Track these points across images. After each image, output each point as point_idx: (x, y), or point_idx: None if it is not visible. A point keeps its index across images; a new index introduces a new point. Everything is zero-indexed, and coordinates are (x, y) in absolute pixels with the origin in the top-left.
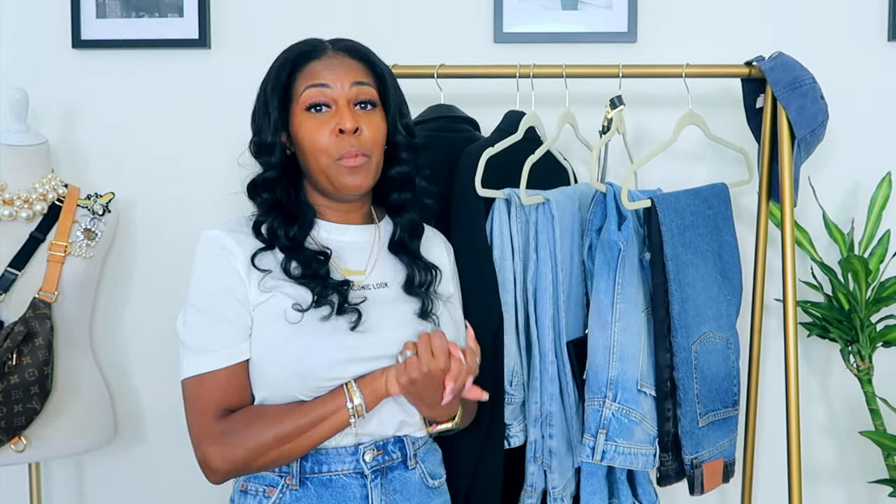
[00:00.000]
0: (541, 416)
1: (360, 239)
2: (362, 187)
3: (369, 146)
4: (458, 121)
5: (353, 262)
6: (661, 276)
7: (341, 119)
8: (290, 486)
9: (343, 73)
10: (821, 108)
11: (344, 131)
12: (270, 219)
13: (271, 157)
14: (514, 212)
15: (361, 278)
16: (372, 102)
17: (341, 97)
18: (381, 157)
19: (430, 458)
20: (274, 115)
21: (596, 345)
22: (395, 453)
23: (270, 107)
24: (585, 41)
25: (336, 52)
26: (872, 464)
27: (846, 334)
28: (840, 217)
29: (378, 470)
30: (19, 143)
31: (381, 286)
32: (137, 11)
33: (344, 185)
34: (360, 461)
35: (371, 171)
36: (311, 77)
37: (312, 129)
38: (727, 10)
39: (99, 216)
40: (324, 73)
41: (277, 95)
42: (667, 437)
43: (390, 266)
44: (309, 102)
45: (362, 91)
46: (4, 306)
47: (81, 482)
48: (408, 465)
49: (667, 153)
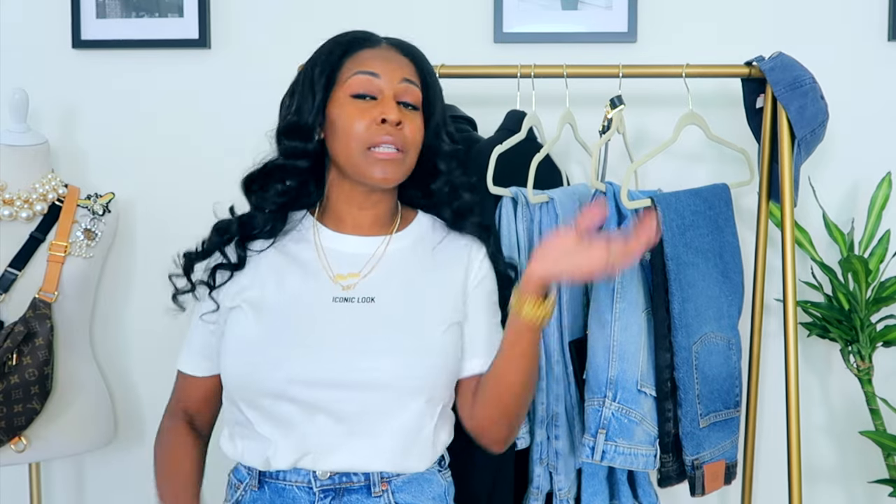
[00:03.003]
0: (546, 417)
1: (361, 251)
2: (389, 181)
3: (409, 143)
4: (457, 120)
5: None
6: (662, 275)
7: (385, 109)
8: (250, 486)
9: (394, 66)
10: (821, 108)
11: (387, 121)
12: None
13: (307, 144)
14: (520, 210)
15: (354, 281)
16: (415, 105)
17: (388, 89)
18: (414, 158)
19: (413, 489)
20: (319, 96)
21: (596, 344)
22: (357, 477)
23: (317, 87)
24: (585, 41)
25: (389, 46)
26: (872, 464)
27: (846, 334)
28: (840, 217)
29: (331, 489)
30: (19, 143)
31: (367, 301)
32: (137, 11)
33: (371, 176)
34: (310, 476)
35: (402, 168)
36: (362, 64)
37: (353, 114)
38: (727, 11)
39: (99, 216)
40: (375, 62)
41: (325, 76)
42: (667, 437)
43: (388, 278)
44: (356, 89)
45: (409, 90)
46: (4, 306)
47: (81, 482)
48: (371, 492)
49: (667, 153)
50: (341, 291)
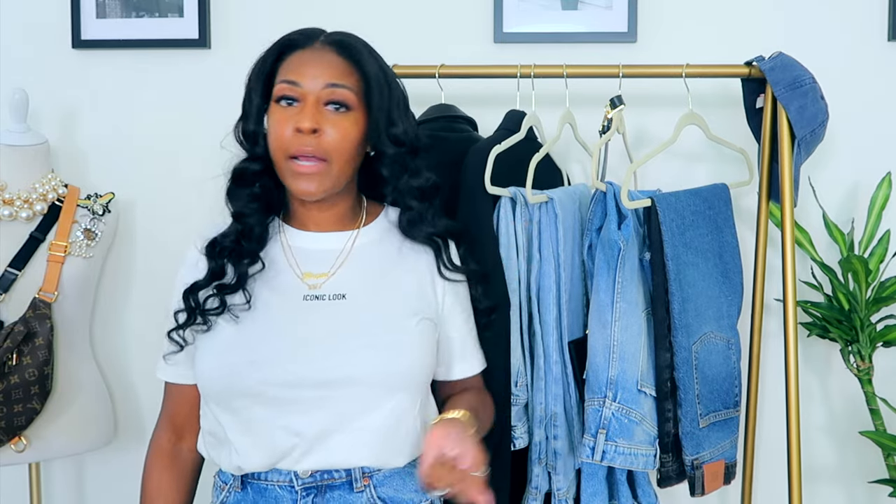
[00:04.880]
0: (545, 417)
1: (327, 247)
2: (314, 194)
3: (329, 151)
4: (457, 120)
5: (317, 266)
6: (662, 275)
7: (302, 117)
8: (234, 487)
9: (320, 70)
10: (821, 108)
11: (302, 130)
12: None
13: (255, 147)
14: (518, 210)
15: (322, 280)
16: (346, 105)
17: (311, 95)
18: (346, 164)
19: (395, 482)
20: (256, 102)
21: (596, 344)
22: (339, 473)
23: (254, 93)
24: (585, 41)
25: (324, 46)
26: (872, 464)
27: (846, 334)
28: (840, 217)
29: (313, 487)
30: (19, 143)
31: (338, 298)
32: (137, 11)
33: (295, 189)
34: (293, 474)
35: (328, 179)
36: (287, 71)
37: (276, 122)
38: (727, 10)
39: (99, 216)
40: (300, 68)
41: (261, 81)
42: (667, 437)
43: (357, 274)
44: (279, 95)
45: (335, 93)
46: (4, 306)
47: (81, 482)
48: (353, 487)
49: (667, 153)
50: (310, 290)
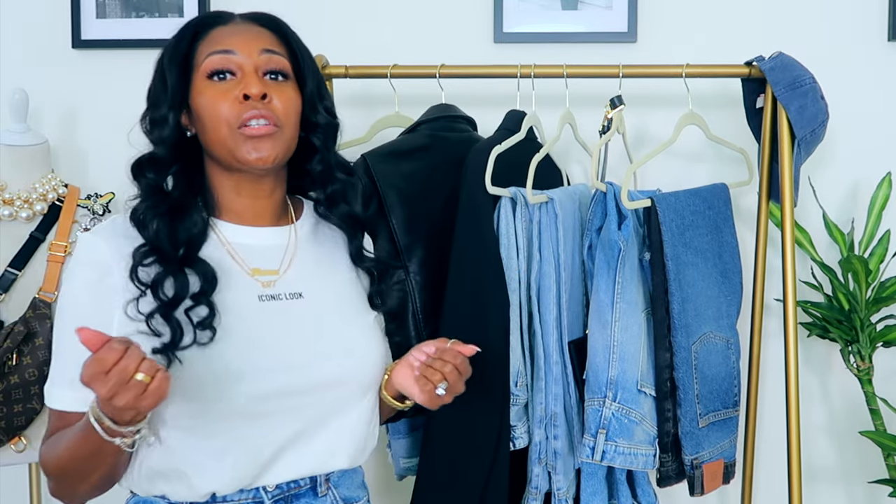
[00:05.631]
0: (545, 417)
1: (271, 243)
2: (268, 160)
3: (281, 116)
4: (457, 120)
5: (265, 262)
6: (661, 275)
7: (247, 84)
8: None
9: (251, 39)
10: (821, 108)
11: (249, 97)
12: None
13: (163, 132)
14: (518, 211)
15: (274, 278)
16: (283, 73)
17: (248, 64)
18: (294, 133)
19: (346, 481)
20: (171, 84)
21: (596, 344)
22: (304, 480)
23: (168, 76)
24: (585, 41)
25: (244, 21)
26: (872, 464)
27: (846, 334)
28: (840, 217)
29: (281, 499)
30: (19, 143)
31: (295, 297)
32: (137, 11)
33: (245, 159)
34: (260, 490)
35: (279, 144)
36: (215, 43)
37: (214, 97)
38: (727, 10)
39: (99, 216)
40: (229, 38)
41: (176, 64)
42: (667, 437)
43: (309, 270)
44: (211, 69)
45: (272, 60)
46: (4, 306)
47: None
48: (317, 492)
49: (667, 153)
50: (263, 288)
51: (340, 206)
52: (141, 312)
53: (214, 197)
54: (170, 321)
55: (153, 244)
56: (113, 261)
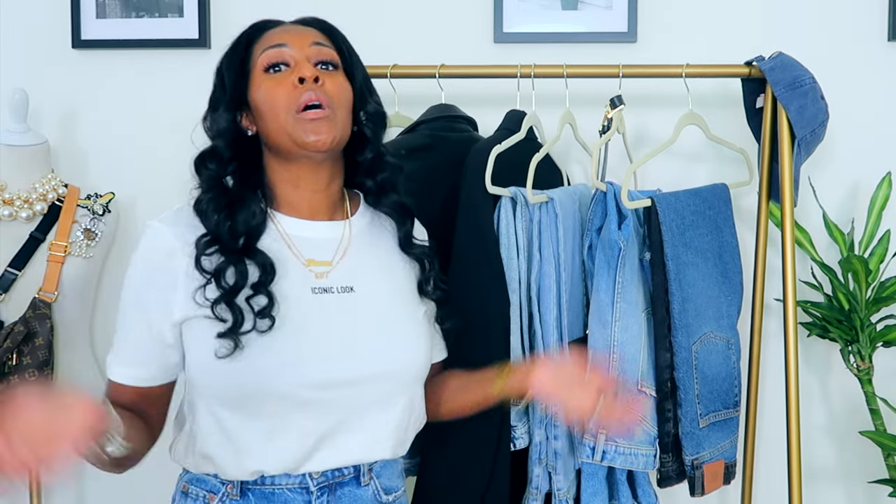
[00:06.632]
0: (545, 418)
1: (326, 236)
2: (326, 143)
3: (334, 99)
4: (457, 120)
5: (320, 254)
6: (662, 275)
7: (301, 70)
8: (230, 496)
9: (302, 34)
10: (821, 108)
11: (304, 80)
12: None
13: (221, 125)
14: (518, 210)
15: (327, 269)
16: (334, 64)
17: (300, 55)
18: (347, 119)
19: (387, 471)
20: (229, 85)
21: (596, 344)
22: (348, 469)
23: (227, 79)
24: (585, 41)
25: (294, 24)
26: (872, 464)
27: (846, 334)
28: (840, 217)
29: (326, 486)
30: (19, 143)
31: (347, 290)
32: (137, 11)
33: (304, 141)
34: (306, 477)
35: (336, 127)
36: (268, 41)
37: (271, 87)
38: (727, 10)
39: (99, 216)
40: (280, 35)
41: (234, 68)
42: (667, 437)
43: (361, 265)
44: (267, 63)
45: (322, 51)
46: (4, 306)
47: (81, 482)
48: (360, 482)
49: (667, 153)
50: (316, 280)
51: (390, 195)
52: (208, 299)
53: (273, 191)
54: (232, 308)
55: (214, 234)
56: (177, 245)
